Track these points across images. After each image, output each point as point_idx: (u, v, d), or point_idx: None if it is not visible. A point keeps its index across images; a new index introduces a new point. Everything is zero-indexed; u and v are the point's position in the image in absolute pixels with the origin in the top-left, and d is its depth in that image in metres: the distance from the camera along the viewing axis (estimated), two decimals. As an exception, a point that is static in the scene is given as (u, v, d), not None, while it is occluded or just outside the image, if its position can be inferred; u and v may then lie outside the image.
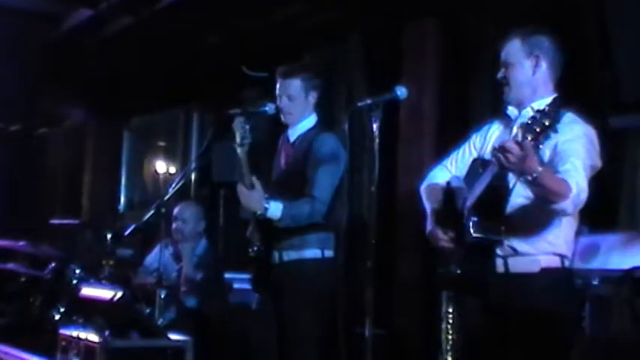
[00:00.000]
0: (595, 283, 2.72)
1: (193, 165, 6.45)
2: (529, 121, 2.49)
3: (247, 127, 3.66)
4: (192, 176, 7.15)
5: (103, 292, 4.26)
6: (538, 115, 2.47)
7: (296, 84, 3.80)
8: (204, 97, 7.47)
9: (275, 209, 3.58)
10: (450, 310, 3.61)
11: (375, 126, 3.06)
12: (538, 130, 2.46)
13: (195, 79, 7.16)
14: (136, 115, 8.72)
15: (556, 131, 2.49)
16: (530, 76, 2.94)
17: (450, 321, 3.66)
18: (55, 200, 9.74)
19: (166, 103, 7.91)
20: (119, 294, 4.08)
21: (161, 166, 8.56)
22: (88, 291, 4.44)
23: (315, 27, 5.76)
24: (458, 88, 5.04)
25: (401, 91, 3.14)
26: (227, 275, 5.43)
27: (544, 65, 2.94)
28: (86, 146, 9.14)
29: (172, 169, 8.29)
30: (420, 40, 5.20)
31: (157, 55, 6.95)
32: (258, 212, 3.59)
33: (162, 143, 8.71)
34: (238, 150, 3.68)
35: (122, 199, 8.94)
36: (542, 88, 2.94)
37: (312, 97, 3.84)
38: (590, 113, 2.95)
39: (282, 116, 3.83)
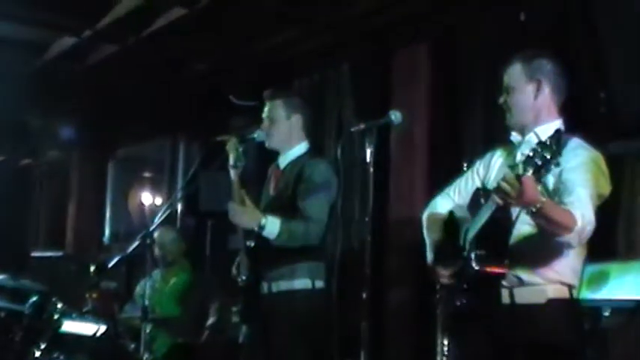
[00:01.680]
0: (606, 314, 2.60)
1: (179, 194, 6.35)
2: (530, 154, 2.41)
3: (241, 149, 3.60)
4: (179, 206, 7.04)
5: (85, 327, 4.15)
6: (539, 148, 2.40)
7: (278, 105, 3.75)
8: (190, 127, 7.38)
9: (272, 224, 3.48)
10: (446, 342, 3.50)
11: (368, 152, 3.01)
12: (540, 163, 2.39)
13: (182, 108, 7.08)
14: (121, 145, 8.63)
15: (558, 164, 2.41)
16: (532, 100, 2.87)
17: (446, 353, 3.55)
18: (38, 232, 9.58)
19: (152, 132, 7.83)
20: (102, 328, 3.97)
21: (147, 198, 8.45)
22: (70, 326, 4.32)
23: (305, 54, 5.72)
24: (449, 114, 4.97)
25: (395, 116, 3.14)
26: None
27: (546, 89, 2.87)
28: (71, 177, 9.01)
29: (158, 201, 8.18)
30: (412, 67, 5.15)
31: (143, 84, 6.87)
32: (256, 228, 3.48)
33: (148, 174, 8.62)
34: (231, 172, 3.62)
35: (107, 231, 8.80)
36: (546, 113, 2.87)
37: (296, 119, 3.76)
38: (588, 139, 2.88)
39: (266, 140, 3.76)
